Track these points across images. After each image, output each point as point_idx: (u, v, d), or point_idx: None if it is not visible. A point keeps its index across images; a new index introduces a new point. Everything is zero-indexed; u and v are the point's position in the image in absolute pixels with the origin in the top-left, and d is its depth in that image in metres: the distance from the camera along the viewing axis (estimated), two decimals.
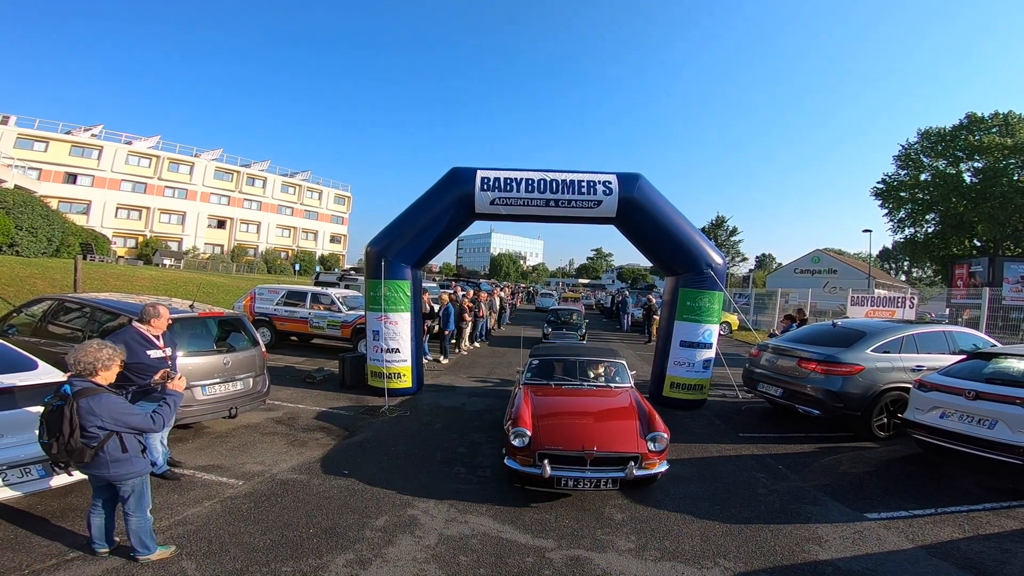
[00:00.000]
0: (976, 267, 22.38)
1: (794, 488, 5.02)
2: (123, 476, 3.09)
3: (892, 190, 37.90)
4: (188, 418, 5.42)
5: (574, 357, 6.20)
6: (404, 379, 8.21)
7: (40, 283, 14.86)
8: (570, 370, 6.01)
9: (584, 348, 7.32)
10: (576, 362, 6.09)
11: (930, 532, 4.14)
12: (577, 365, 6.05)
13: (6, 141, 37.82)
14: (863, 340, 6.85)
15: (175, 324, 5.01)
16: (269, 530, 3.77)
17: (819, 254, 49.06)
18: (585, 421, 4.83)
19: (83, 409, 2.89)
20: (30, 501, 3.91)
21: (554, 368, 6.07)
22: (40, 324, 6.19)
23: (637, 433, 4.51)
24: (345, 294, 13.18)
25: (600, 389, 5.70)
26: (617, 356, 6.29)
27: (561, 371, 6.01)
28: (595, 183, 7.91)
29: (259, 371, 6.22)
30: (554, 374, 5.96)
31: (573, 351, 6.59)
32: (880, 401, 6.53)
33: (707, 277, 7.95)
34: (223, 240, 51.77)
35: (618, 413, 4.98)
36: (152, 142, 47.22)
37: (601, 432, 4.56)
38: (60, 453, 2.93)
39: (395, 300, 8.03)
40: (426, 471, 5.12)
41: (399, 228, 8.20)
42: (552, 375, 5.94)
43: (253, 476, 4.77)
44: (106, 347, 3.13)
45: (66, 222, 26.84)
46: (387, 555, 3.52)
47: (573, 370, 6.00)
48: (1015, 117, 33.22)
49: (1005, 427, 4.81)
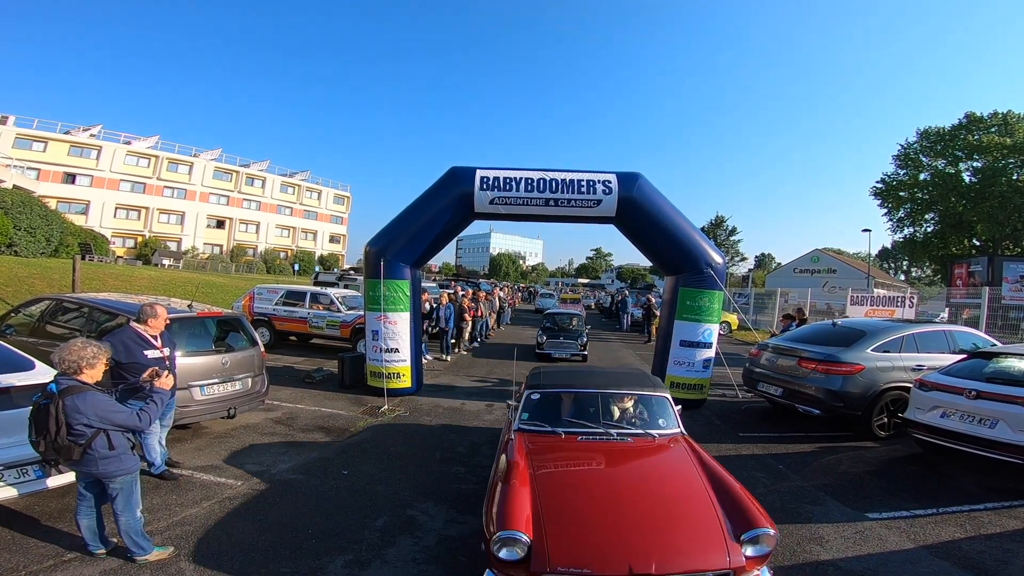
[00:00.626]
0: (975, 267, 22.39)
1: (795, 488, 5.01)
2: (112, 473, 3.09)
3: (891, 190, 37.95)
4: (186, 418, 5.39)
5: (591, 390, 4.26)
6: (403, 379, 8.19)
7: (39, 283, 14.83)
8: (586, 408, 4.13)
9: (603, 373, 5.04)
10: (596, 397, 4.19)
11: (931, 532, 4.13)
12: (599, 401, 4.16)
13: (5, 141, 37.77)
14: (863, 339, 6.84)
15: (173, 324, 4.99)
16: (267, 531, 3.75)
17: (818, 254, 49.05)
18: (625, 509, 2.93)
19: (68, 407, 2.89)
20: (27, 502, 3.89)
21: (561, 405, 4.22)
22: (38, 324, 6.17)
23: (722, 529, 2.77)
24: (344, 294, 13.17)
25: (637, 441, 3.81)
26: (656, 386, 4.41)
27: (572, 410, 4.17)
28: (595, 182, 7.89)
29: (258, 371, 6.20)
30: (562, 415, 4.12)
31: (587, 378, 4.56)
32: (880, 400, 6.52)
33: (707, 276, 7.94)
34: (222, 240, 51.72)
35: (677, 487, 3.25)
36: (151, 142, 47.17)
37: (657, 533, 2.75)
38: (48, 451, 2.94)
39: (394, 300, 8.02)
40: (425, 471, 5.11)
41: (398, 228, 8.19)
42: (559, 417, 4.08)
43: (252, 476, 4.75)
44: (90, 345, 3.12)
45: (65, 222, 26.81)
46: (386, 556, 3.50)
47: (591, 409, 4.12)
48: (1014, 117, 33.25)
49: (1006, 426, 4.81)
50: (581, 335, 13.13)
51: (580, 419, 4.03)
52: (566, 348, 12.69)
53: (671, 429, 3.99)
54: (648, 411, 4.17)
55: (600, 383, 4.36)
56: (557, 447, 3.71)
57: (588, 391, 4.26)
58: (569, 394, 4.30)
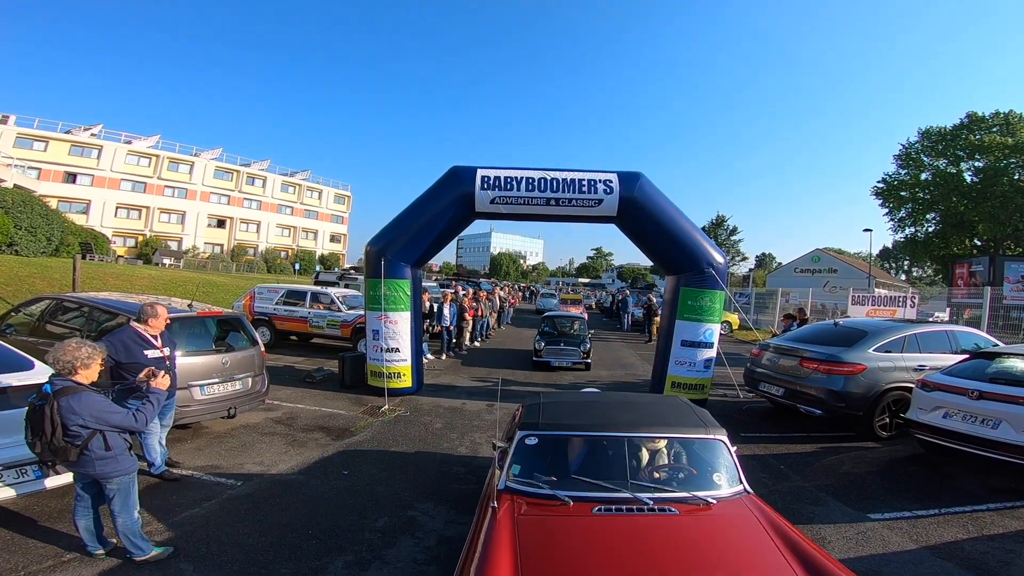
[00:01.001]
0: (977, 266, 22.39)
1: (796, 488, 4.99)
2: (109, 474, 3.08)
3: (892, 189, 37.87)
4: (186, 418, 5.39)
5: (614, 433, 3.01)
6: (404, 379, 8.18)
7: (39, 283, 14.83)
8: (605, 459, 2.97)
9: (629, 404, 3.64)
10: (622, 443, 2.97)
11: (934, 532, 4.11)
12: (624, 448, 2.94)
13: (5, 140, 37.77)
14: (865, 339, 6.82)
15: (173, 323, 4.98)
16: (268, 531, 3.74)
17: (819, 253, 48.94)
18: None
19: (63, 408, 2.88)
20: (26, 502, 3.88)
21: (568, 452, 3.06)
22: (38, 323, 6.17)
23: None
24: (345, 293, 13.16)
25: (684, 512, 2.59)
26: (707, 423, 3.15)
27: (585, 460, 3.00)
28: (596, 182, 7.87)
29: (258, 371, 6.19)
30: (569, 468, 2.95)
31: (607, 413, 3.27)
32: (882, 401, 6.50)
33: (708, 276, 7.92)
34: (223, 239, 51.71)
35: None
36: (152, 141, 47.16)
37: None
38: (45, 452, 2.93)
39: (395, 299, 8.00)
40: (426, 471, 5.10)
41: (399, 227, 8.17)
42: (565, 472, 2.91)
43: (252, 477, 4.74)
44: (85, 345, 3.10)
45: (65, 221, 26.82)
46: (386, 557, 3.49)
47: (612, 459, 2.94)
48: (1016, 116, 33.16)
49: (1009, 427, 4.78)
50: (584, 341, 11.79)
51: (597, 475, 2.79)
52: (567, 356, 11.41)
53: (732, 487, 2.77)
54: (697, 461, 2.96)
55: (626, 421, 3.09)
56: (562, 527, 2.47)
57: (609, 435, 2.98)
58: (580, 436, 3.05)
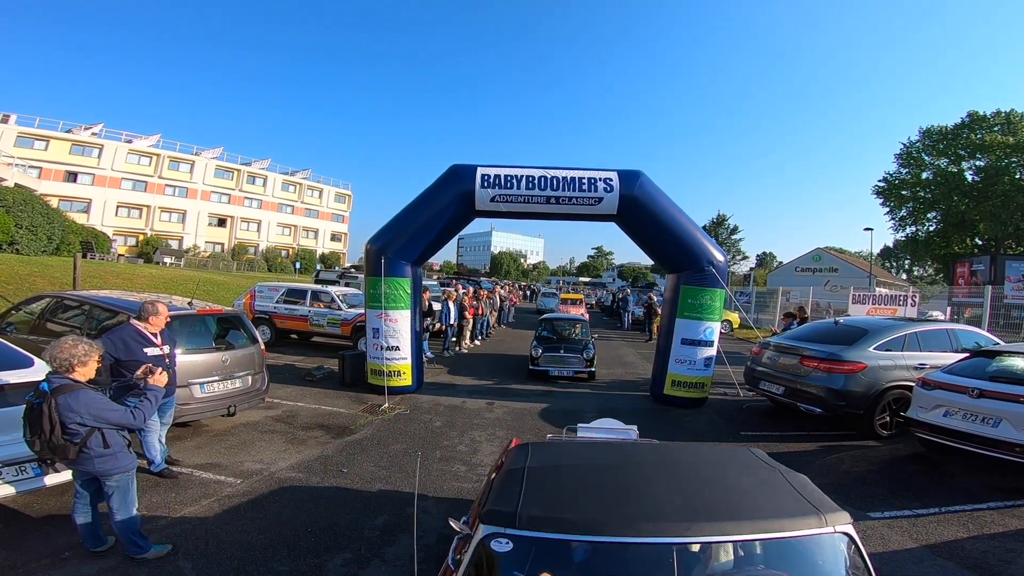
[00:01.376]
0: (978, 265, 22.38)
1: None
2: (108, 471, 3.07)
3: (893, 188, 37.85)
4: (186, 416, 5.38)
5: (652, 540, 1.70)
6: (404, 377, 8.18)
7: (40, 281, 14.83)
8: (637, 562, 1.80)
9: (666, 465, 2.35)
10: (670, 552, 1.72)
11: (934, 531, 4.10)
12: (674, 560, 1.72)
13: (6, 139, 37.74)
14: (865, 338, 6.81)
15: (174, 321, 4.97)
16: (267, 529, 3.74)
17: (820, 252, 48.85)
18: None
19: (61, 406, 2.87)
20: (26, 500, 3.88)
21: (569, 562, 1.87)
22: (39, 321, 6.16)
23: None
24: (345, 292, 13.15)
25: None
26: (822, 508, 1.82)
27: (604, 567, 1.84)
28: (596, 180, 7.86)
29: (258, 369, 6.19)
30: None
31: (635, 486, 2.06)
32: (883, 399, 6.48)
33: (708, 275, 7.91)
34: (223, 238, 51.70)
35: None
36: (152, 140, 47.13)
37: None
38: (44, 450, 2.92)
39: (395, 298, 8.00)
40: (425, 469, 5.09)
41: (399, 225, 8.17)
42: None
43: (251, 475, 4.74)
44: (81, 343, 3.09)
45: (66, 220, 26.81)
46: (386, 555, 3.49)
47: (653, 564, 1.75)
48: (1017, 116, 33.08)
49: (1009, 425, 4.77)
50: (587, 346, 10.20)
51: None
52: (567, 364, 9.87)
53: None
54: (800, 569, 1.83)
55: (676, 509, 1.85)
56: None
57: (647, 541, 1.71)
58: (593, 545, 1.80)
